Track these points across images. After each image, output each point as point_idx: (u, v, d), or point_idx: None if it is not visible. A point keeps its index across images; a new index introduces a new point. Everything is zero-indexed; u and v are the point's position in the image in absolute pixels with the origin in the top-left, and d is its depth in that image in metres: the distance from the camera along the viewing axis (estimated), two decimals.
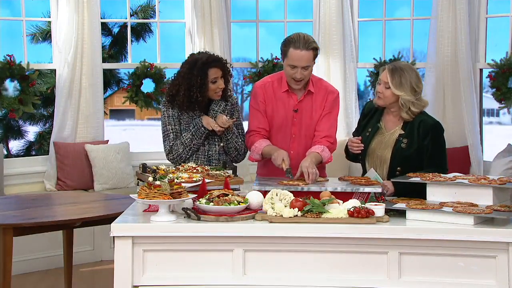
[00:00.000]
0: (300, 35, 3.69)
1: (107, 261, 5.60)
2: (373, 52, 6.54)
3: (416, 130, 3.59)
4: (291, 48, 3.66)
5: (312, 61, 3.70)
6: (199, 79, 3.69)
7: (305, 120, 3.83)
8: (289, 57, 3.68)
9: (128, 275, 2.93)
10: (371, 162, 3.69)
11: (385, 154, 3.63)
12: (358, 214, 2.95)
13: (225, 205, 3.00)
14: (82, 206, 4.17)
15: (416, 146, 3.57)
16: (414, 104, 3.58)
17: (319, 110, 3.82)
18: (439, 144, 3.60)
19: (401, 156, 3.58)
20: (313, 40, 3.70)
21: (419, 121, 3.61)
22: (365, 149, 3.70)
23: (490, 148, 6.66)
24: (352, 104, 6.41)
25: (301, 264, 2.95)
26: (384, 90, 3.61)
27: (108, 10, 6.84)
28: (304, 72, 3.69)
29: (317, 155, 3.64)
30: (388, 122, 3.71)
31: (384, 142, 3.67)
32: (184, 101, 3.73)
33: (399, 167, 3.58)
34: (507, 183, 3.11)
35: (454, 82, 6.03)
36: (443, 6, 6.01)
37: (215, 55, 3.82)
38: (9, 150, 7.36)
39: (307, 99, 3.83)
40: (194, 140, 3.74)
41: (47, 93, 6.80)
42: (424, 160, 3.58)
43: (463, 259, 2.91)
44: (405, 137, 3.60)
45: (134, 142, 6.87)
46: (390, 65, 3.63)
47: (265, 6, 6.91)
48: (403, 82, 3.55)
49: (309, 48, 3.65)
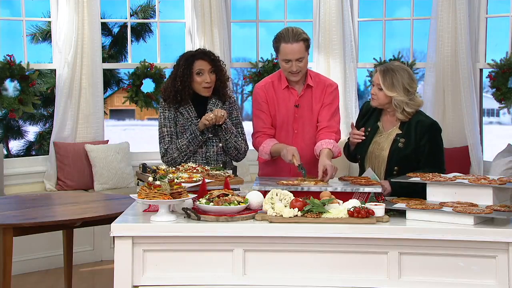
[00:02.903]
0: (289, 29, 3.73)
1: (107, 261, 5.60)
2: (373, 52, 6.55)
3: (413, 130, 3.59)
4: (282, 43, 3.70)
5: (305, 52, 3.72)
6: (183, 68, 3.74)
7: (307, 115, 3.85)
8: (281, 52, 3.73)
9: (128, 275, 2.93)
10: (370, 162, 3.70)
11: (383, 154, 3.64)
12: (358, 214, 2.95)
13: (225, 205, 3.00)
14: (82, 206, 4.16)
15: (414, 146, 3.57)
16: (408, 104, 3.58)
17: (319, 103, 3.84)
18: (436, 144, 3.60)
19: (399, 156, 3.59)
20: (302, 32, 3.73)
21: (416, 121, 3.61)
22: (365, 149, 3.70)
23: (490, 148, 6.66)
24: (352, 104, 6.40)
25: (301, 264, 2.96)
26: (377, 91, 3.62)
27: (108, 10, 6.85)
28: (299, 64, 3.72)
29: (330, 151, 3.66)
30: (386, 122, 3.72)
31: (381, 142, 3.67)
32: (170, 91, 3.76)
33: (397, 166, 3.59)
34: (507, 183, 3.11)
35: (454, 82, 6.03)
36: (443, 6, 6.01)
37: (207, 50, 3.86)
38: (9, 150, 7.37)
39: (307, 93, 3.85)
40: (190, 147, 3.74)
41: (47, 93, 6.80)
42: (420, 160, 3.58)
43: (463, 259, 2.91)
44: (402, 137, 3.61)
45: (134, 142, 6.87)
46: (382, 67, 3.63)
47: (265, 6, 6.91)
48: (394, 83, 3.56)
49: (299, 39, 3.68)
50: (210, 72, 3.77)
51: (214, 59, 3.80)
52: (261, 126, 3.88)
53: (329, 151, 3.66)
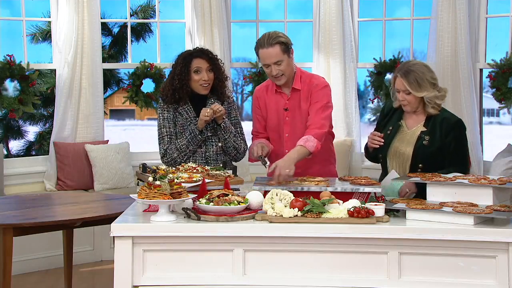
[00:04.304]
0: (265, 34, 3.72)
1: (107, 261, 5.60)
2: (373, 52, 6.55)
3: (438, 127, 3.56)
4: (260, 49, 3.71)
5: (282, 55, 3.68)
6: (181, 66, 3.74)
7: (297, 118, 3.84)
8: (260, 58, 3.75)
9: (128, 275, 2.93)
10: (393, 160, 3.65)
11: (407, 152, 3.59)
12: (358, 214, 2.95)
13: (225, 205, 3.00)
14: (82, 206, 4.16)
15: (439, 143, 3.54)
16: (438, 97, 3.55)
17: (306, 106, 3.81)
18: (461, 142, 3.56)
19: (423, 153, 3.55)
20: (279, 35, 3.69)
21: (442, 118, 3.57)
22: (386, 148, 3.66)
23: (490, 148, 6.66)
24: (352, 104, 6.40)
25: (301, 264, 2.95)
26: (406, 96, 3.55)
27: (108, 10, 6.85)
28: (278, 67, 3.69)
29: (300, 148, 3.57)
30: (409, 120, 3.67)
31: (406, 139, 3.63)
32: (168, 90, 3.77)
33: (421, 164, 3.55)
34: (507, 183, 3.11)
35: (454, 82, 6.03)
36: (443, 6, 6.01)
37: (205, 49, 3.86)
38: (9, 150, 7.37)
39: (294, 96, 3.83)
40: (190, 146, 3.74)
41: (47, 93, 6.80)
42: (446, 157, 3.54)
43: (463, 259, 2.91)
44: (427, 134, 3.57)
45: (134, 142, 6.87)
46: (401, 71, 3.54)
47: (265, 6, 6.92)
48: (420, 82, 3.50)
49: (273, 43, 3.66)
50: (208, 71, 3.77)
51: (212, 57, 3.80)
52: (253, 129, 4.00)
53: (299, 149, 3.55)
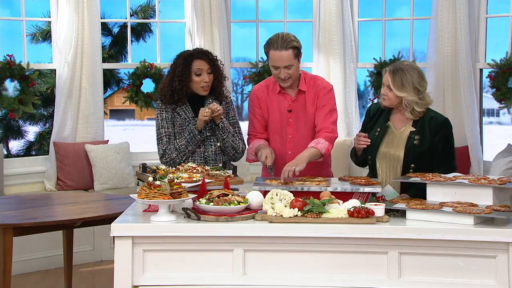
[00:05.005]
0: (279, 35, 3.69)
1: (107, 261, 5.60)
2: (373, 52, 6.54)
3: (427, 126, 3.56)
4: (271, 49, 3.68)
5: (293, 59, 3.68)
6: (182, 68, 3.72)
7: (301, 120, 3.83)
8: (270, 59, 3.71)
9: (128, 275, 2.93)
10: (382, 162, 3.64)
11: (398, 153, 3.59)
12: (358, 214, 2.95)
13: (225, 205, 3.00)
14: (82, 206, 4.17)
15: (429, 142, 3.54)
16: (418, 104, 3.54)
17: (312, 108, 3.82)
18: (449, 141, 3.57)
19: (415, 153, 3.55)
20: (292, 39, 3.68)
21: (430, 117, 3.57)
22: (375, 150, 3.66)
23: (490, 148, 6.66)
24: (352, 104, 6.40)
25: (301, 264, 2.96)
26: (388, 92, 3.58)
27: (108, 10, 6.85)
28: (288, 71, 3.69)
29: (312, 149, 3.62)
30: (397, 121, 3.67)
31: (395, 141, 3.62)
32: (167, 91, 3.75)
33: (413, 164, 3.55)
34: (507, 183, 3.11)
35: (454, 82, 6.03)
36: (443, 6, 6.01)
37: (205, 50, 3.85)
38: (9, 150, 7.37)
39: (300, 98, 3.83)
40: (189, 146, 3.74)
41: (47, 93, 6.80)
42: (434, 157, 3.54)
43: (463, 259, 2.92)
44: (417, 134, 3.57)
45: (134, 142, 6.87)
46: (391, 67, 3.59)
47: (265, 6, 6.91)
48: (404, 83, 3.52)
49: (287, 47, 3.64)
50: (208, 72, 3.77)
51: (212, 58, 3.79)
52: (251, 129, 3.94)
53: (311, 150, 3.61)
